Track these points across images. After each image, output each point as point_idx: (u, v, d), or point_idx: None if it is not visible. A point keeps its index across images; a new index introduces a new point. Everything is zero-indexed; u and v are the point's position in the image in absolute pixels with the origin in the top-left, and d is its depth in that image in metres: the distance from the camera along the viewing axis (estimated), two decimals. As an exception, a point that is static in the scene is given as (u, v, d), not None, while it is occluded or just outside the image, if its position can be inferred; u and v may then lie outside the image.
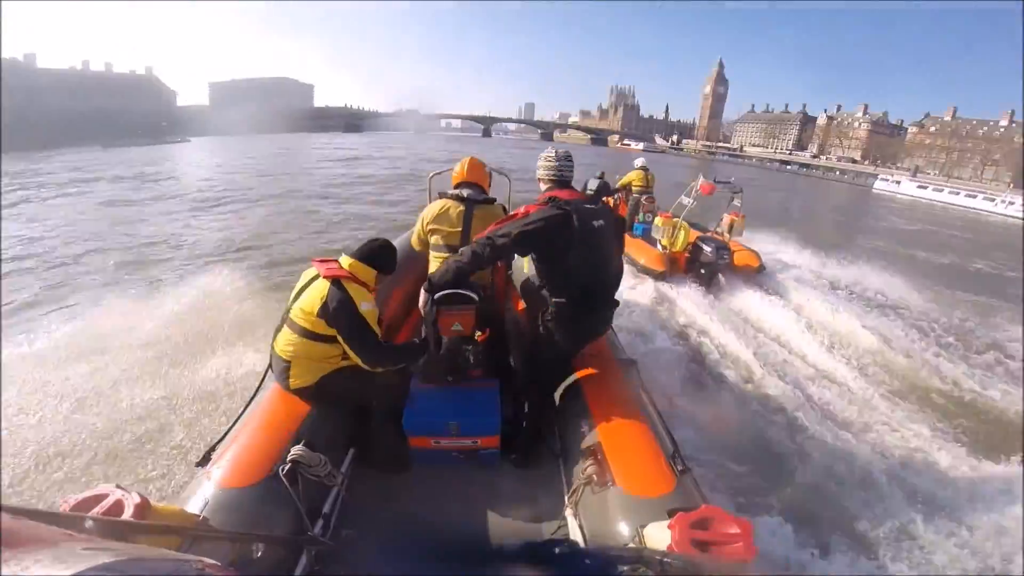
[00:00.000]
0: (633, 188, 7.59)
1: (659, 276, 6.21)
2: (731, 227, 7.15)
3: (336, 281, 1.98)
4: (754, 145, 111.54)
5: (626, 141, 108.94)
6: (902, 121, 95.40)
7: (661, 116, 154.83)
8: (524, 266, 2.62)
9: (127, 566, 0.61)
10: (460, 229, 2.55)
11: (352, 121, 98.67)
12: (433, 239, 2.63)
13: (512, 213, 2.10)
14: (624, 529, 1.61)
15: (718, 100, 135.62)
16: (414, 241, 2.79)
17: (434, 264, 2.62)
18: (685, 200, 6.78)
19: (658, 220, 6.68)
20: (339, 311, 1.95)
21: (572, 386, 2.38)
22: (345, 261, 2.07)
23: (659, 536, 1.41)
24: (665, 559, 1.22)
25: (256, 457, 1.75)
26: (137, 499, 1.29)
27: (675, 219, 6.47)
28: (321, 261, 2.10)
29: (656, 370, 3.88)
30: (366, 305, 1.99)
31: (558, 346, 2.19)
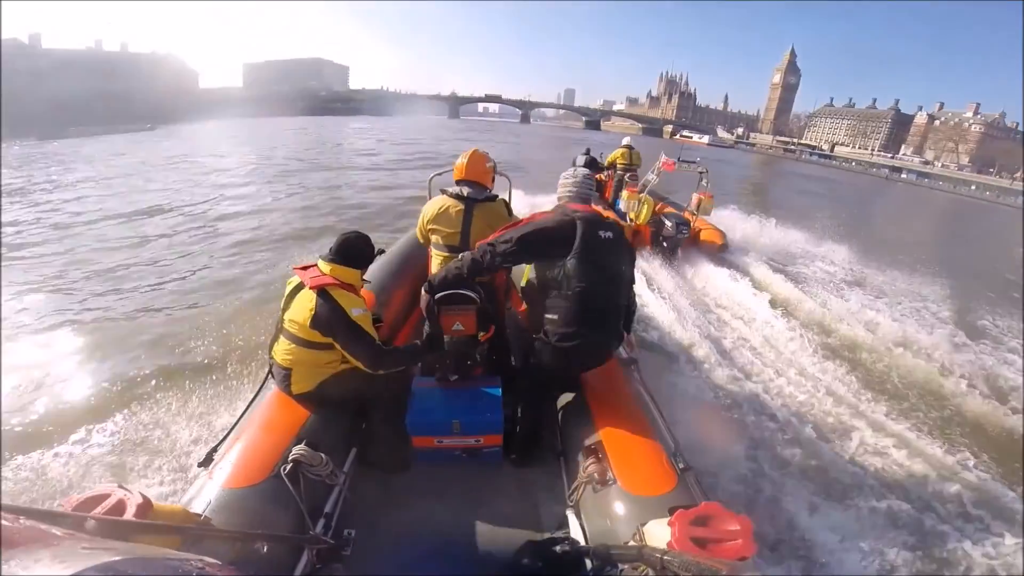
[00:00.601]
0: (618, 165, 7.96)
1: None
2: (699, 205, 7.64)
3: (322, 291, 1.95)
4: (838, 144, 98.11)
5: (686, 132, 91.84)
6: (1017, 124, 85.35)
7: (716, 106, 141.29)
8: (525, 267, 2.57)
9: (128, 565, 0.62)
10: (459, 229, 2.53)
11: (380, 104, 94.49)
12: (433, 238, 2.63)
13: (517, 220, 2.07)
14: (625, 527, 1.59)
15: (788, 91, 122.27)
16: (419, 236, 2.80)
17: (435, 262, 2.63)
18: (650, 176, 7.25)
19: (624, 194, 7.19)
20: (332, 322, 1.93)
21: (573, 385, 2.36)
22: (325, 266, 2.03)
23: (659, 533, 1.40)
24: (665, 556, 1.20)
25: (258, 457, 1.78)
26: (139, 499, 1.32)
27: (641, 194, 6.82)
28: (303, 269, 2.07)
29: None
30: (357, 311, 1.97)
31: (548, 368, 2.12)
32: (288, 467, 1.72)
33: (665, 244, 6.76)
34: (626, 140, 8.36)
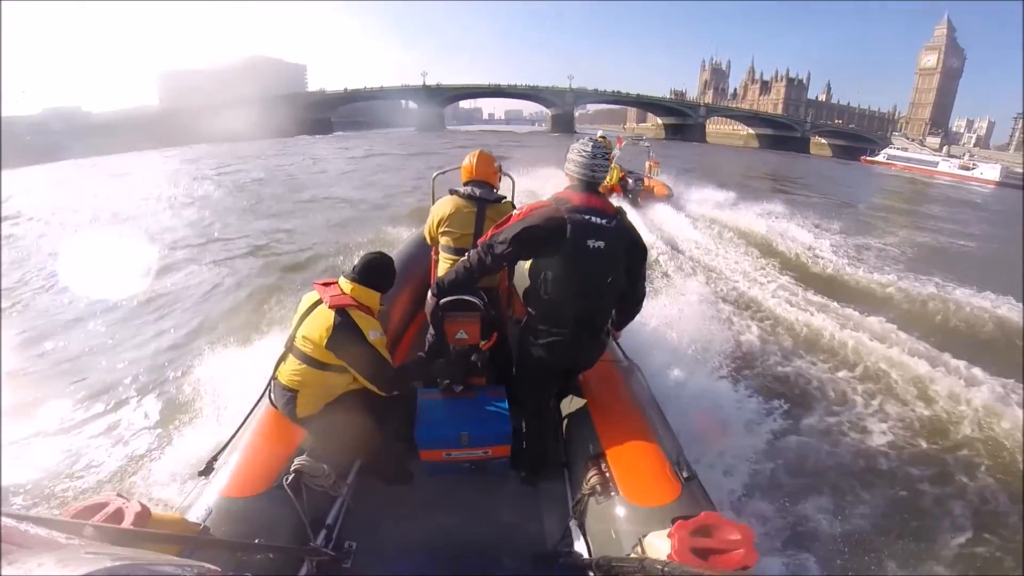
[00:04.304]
0: None
1: None
2: (650, 169, 12.76)
3: (341, 311, 1.91)
4: None
5: (897, 151, 58.21)
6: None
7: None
8: (527, 269, 2.59)
9: (128, 569, 0.62)
10: (472, 231, 2.51)
11: (320, 116, 62.76)
12: (444, 240, 2.59)
13: (512, 214, 2.01)
14: (628, 539, 1.58)
15: (949, 79, 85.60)
16: (427, 238, 2.77)
17: (443, 266, 2.60)
18: (616, 152, 11.44)
19: None
20: (349, 345, 1.89)
21: (575, 393, 2.34)
22: (346, 286, 1.99)
23: (660, 545, 1.40)
24: (666, 568, 1.19)
25: (260, 467, 1.77)
26: (138, 507, 1.33)
27: (612, 165, 10.77)
28: (323, 285, 2.03)
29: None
30: (374, 334, 1.94)
31: (533, 366, 2.10)
32: (290, 477, 1.71)
33: (629, 195, 11.21)
34: (599, 132, 11.93)
